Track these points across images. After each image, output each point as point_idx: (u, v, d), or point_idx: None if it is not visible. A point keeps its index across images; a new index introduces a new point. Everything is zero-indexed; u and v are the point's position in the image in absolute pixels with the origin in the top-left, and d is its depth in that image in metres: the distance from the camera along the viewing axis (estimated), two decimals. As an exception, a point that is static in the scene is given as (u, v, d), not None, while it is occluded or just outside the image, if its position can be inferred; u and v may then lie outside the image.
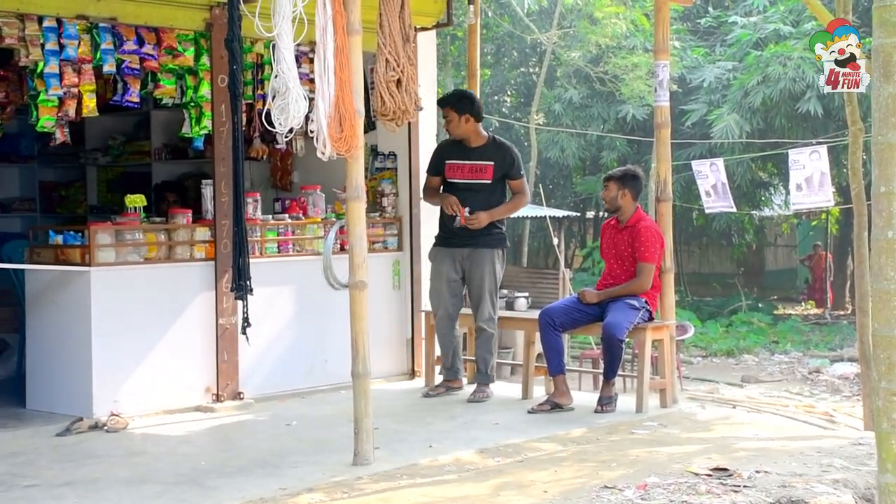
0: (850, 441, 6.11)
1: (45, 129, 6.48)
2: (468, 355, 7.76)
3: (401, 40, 6.21)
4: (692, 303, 21.49)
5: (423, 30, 7.75)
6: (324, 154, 5.46)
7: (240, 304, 6.26)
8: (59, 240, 6.65)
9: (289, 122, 5.49)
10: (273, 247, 7.34)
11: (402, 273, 8.05)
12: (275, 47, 5.47)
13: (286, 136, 5.81)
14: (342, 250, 7.10)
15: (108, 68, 6.53)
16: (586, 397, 7.31)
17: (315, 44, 5.47)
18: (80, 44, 6.39)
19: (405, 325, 8.07)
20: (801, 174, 7.94)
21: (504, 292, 7.81)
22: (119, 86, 6.75)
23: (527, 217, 18.47)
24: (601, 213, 22.75)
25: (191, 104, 6.95)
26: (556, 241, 16.22)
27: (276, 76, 5.48)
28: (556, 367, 6.80)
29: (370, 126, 7.50)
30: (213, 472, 5.33)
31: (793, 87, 17.13)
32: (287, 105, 5.46)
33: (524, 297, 8.06)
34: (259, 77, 7.24)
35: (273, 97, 5.52)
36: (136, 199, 6.86)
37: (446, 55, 19.57)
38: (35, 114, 6.40)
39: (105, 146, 9.87)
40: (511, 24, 20.77)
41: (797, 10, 18.19)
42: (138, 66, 6.66)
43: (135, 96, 6.75)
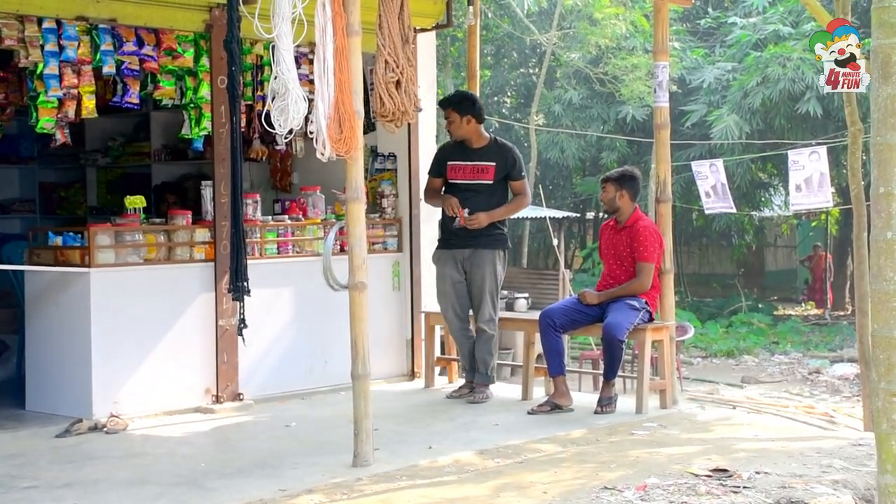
0: (850, 442, 6.11)
1: (44, 131, 6.48)
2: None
3: (400, 41, 6.21)
4: (692, 303, 21.49)
5: (422, 31, 7.75)
6: (323, 155, 5.46)
7: (237, 306, 6.26)
8: (58, 241, 6.64)
9: (288, 124, 5.49)
10: (273, 248, 7.34)
11: (402, 274, 8.05)
12: (274, 48, 5.48)
13: (286, 138, 5.83)
14: (342, 251, 7.09)
15: (108, 69, 6.53)
16: (586, 398, 7.31)
17: (315, 45, 5.47)
18: (79, 45, 6.40)
19: (405, 327, 8.07)
20: (800, 175, 7.94)
21: (504, 293, 7.80)
22: (119, 87, 6.76)
23: (527, 218, 18.47)
24: (601, 214, 22.74)
25: (190, 105, 6.95)
26: (555, 241, 16.19)
27: (276, 77, 5.48)
28: (556, 368, 6.80)
29: (370, 127, 7.50)
30: (212, 474, 5.33)
31: (792, 88, 17.13)
32: (287, 106, 5.46)
33: (524, 297, 8.06)
34: (259, 78, 7.25)
35: (273, 98, 5.52)
36: (136, 201, 6.86)
37: (446, 56, 19.57)
38: (35, 115, 6.40)
39: (105, 147, 9.88)
40: (511, 25, 20.76)
41: (797, 11, 18.20)
42: (138, 68, 6.67)
43: (134, 97, 6.75)
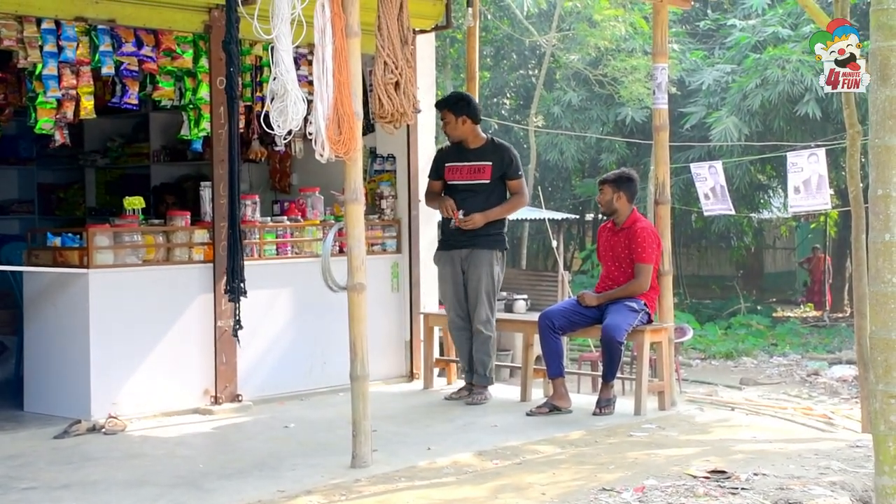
0: (848, 443, 6.12)
1: (43, 131, 6.49)
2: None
3: (399, 43, 6.21)
4: (691, 305, 21.48)
5: (421, 32, 7.75)
6: (322, 156, 5.46)
7: (233, 306, 6.26)
8: (57, 242, 6.64)
9: (287, 125, 5.49)
10: (272, 249, 7.34)
11: (401, 275, 8.05)
12: (273, 50, 5.48)
13: (285, 139, 5.82)
14: (341, 252, 7.10)
15: (107, 70, 6.54)
16: (585, 400, 7.31)
17: (314, 46, 5.47)
18: (78, 46, 6.40)
19: (404, 328, 8.07)
20: (799, 177, 7.92)
21: (503, 294, 7.80)
22: (117, 88, 6.76)
23: (526, 219, 18.46)
24: (600, 216, 22.70)
25: (189, 106, 6.95)
26: (554, 243, 16.16)
27: (275, 78, 5.48)
28: (555, 369, 6.80)
29: (369, 128, 7.51)
30: (211, 475, 5.33)
31: (791, 90, 17.13)
32: (286, 107, 5.46)
33: (523, 299, 8.06)
34: (258, 79, 7.25)
35: (272, 99, 5.52)
36: (135, 201, 6.86)
37: (445, 57, 19.57)
38: (34, 116, 6.41)
39: (104, 148, 9.88)
40: (510, 27, 20.76)
41: (796, 13, 18.20)
42: (137, 68, 6.67)
43: (133, 98, 6.75)
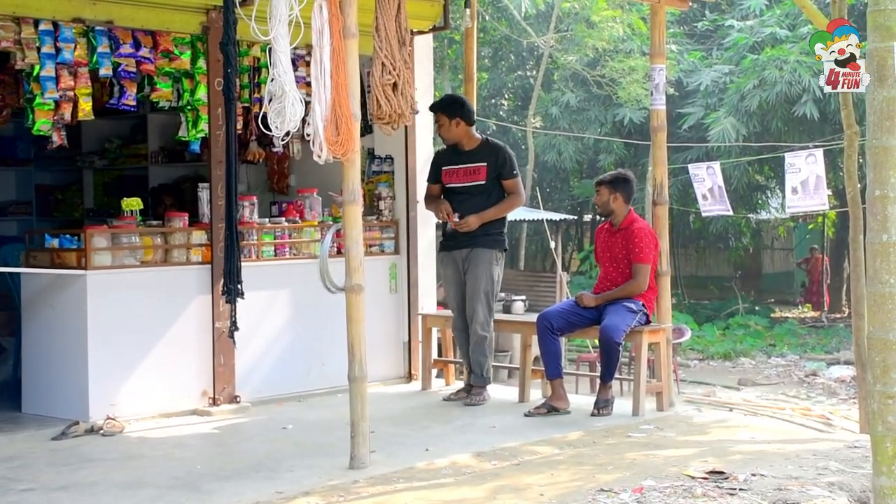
0: (846, 444, 6.11)
1: (41, 133, 6.47)
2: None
3: (397, 44, 6.21)
4: (689, 306, 21.49)
5: (419, 33, 7.76)
6: (320, 157, 5.46)
7: (230, 308, 6.27)
8: (55, 243, 6.64)
9: (285, 126, 5.49)
10: (270, 250, 7.34)
11: (399, 276, 8.05)
12: (271, 51, 5.48)
13: (283, 140, 5.81)
14: (339, 254, 7.10)
15: (105, 71, 6.53)
16: (583, 400, 7.31)
17: (311, 47, 5.47)
18: (76, 47, 6.39)
19: (402, 329, 8.07)
20: (796, 177, 7.91)
21: (501, 295, 7.81)
22: (115, 89, 6.75)
23: (524, 220, 18.46)
24: (598, 217, 22.72)
25: (187, 107, 6.95)
26: (553, 244, 16.18)
27: (273, 80, 5.48)
28: (553, 370, 6.80)
29: (366, 129, 7.50)
30: (209, 476, 5.32)
31: (789, 91, 17.13)
32: (283, 108, 5.46)
33: (521, 300, 8.08)
34: (256, 80, 7.25)
35: (269, 100, 5.53)
36: (133, 203, 6.86)
37: (443, 58, 19.56)
38: (31, 117, 6.40)
39: (101, 149, 9.88)
40: (508, 28, 20.75)
41: (793, 14, 18.20)
42: (135, 70, 6.66)
43: (131, 100, 6.75)
